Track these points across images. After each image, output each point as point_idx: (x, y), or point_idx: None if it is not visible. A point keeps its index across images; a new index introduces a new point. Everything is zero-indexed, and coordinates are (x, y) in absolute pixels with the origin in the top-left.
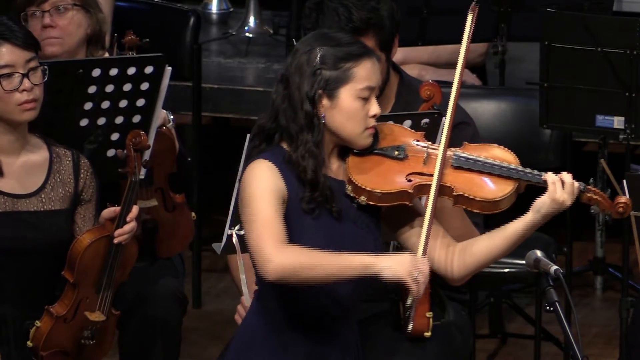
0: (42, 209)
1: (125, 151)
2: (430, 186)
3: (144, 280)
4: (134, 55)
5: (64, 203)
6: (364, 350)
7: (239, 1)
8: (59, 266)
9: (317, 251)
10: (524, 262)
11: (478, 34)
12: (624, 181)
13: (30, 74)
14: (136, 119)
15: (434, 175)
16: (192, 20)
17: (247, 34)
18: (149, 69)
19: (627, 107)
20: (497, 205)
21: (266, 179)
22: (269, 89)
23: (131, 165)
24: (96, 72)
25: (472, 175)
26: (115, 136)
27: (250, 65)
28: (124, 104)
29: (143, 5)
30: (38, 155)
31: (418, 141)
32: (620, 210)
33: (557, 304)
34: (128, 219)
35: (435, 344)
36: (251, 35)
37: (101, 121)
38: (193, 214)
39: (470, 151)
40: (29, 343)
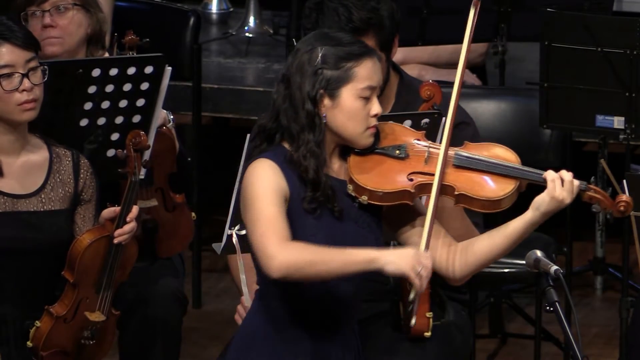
0: (42, 209)
1: (125, 151)
2: (432, 185)
3: (144, 280)
4: (134, 55)
5: (64, 203)
6: (364, 350)
7: (239, 1)
8: (59, 266)
9: (321, 247)
10: (524, 262)
11: (478, 34)
12: (624, 181)
13: (30, 74)
14: (136, 119)
15: (435, 175)
16: (192, 20)
17: (247, 34)
18: (149, 69)
19: (627, 107)
20: (498, 204)
21: (268, 177)
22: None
23: (131, 165)
24: (96, 72)
25: (473, 175)
26: (115, 136)
27: (250, 65)
28: (124, 104)
29: (143, 5)
30: (38, 155)
31: (419, 140)
32: (621, 209)
33: (557, 304)
34: (128, 219)
35: (435, 344)
36: (251, 35)
37: (101, 121)
38: (193, 214)
39: (472, 150)
40: (29, 343)
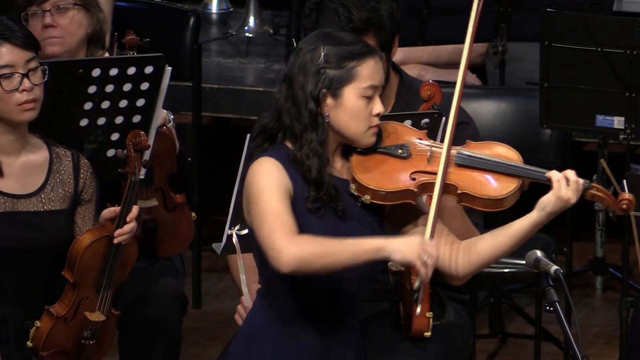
0: (42, 209)
1: (125, 151)
2: (434, 185)
3: (144, 280)
4: (134, 55)
5: (64, 203)
6: (364, 349)
7: (239, 1)
8: (59, 266)
9: (328, 239)
10: (524, 262)
11: (478, 34)
12: (624, 181)
13: (30, 74)
14: (136, 119)
15: (438, 174)
16: (192, 20)
17: (247, 34)
18: (149, 69)
19: (627, 107)
20: (501, 202)
21: (272, 174)
22: (269, 89)
23: (131, 165)
24: (96, 72)
25: (475, 173)
26: (115, 136)
27: (250, 65)
28: (124, 104)
29: (143, 5)
30: (38, 155)
31: (421, 140)
32: (624, 207)
33: (557, 304)
34: (128, 219)
35: (435, 344)
36: (251, 35)
37: (101, 121)
38: (193, 214)
39: (474, 149)
40: (29, 343)
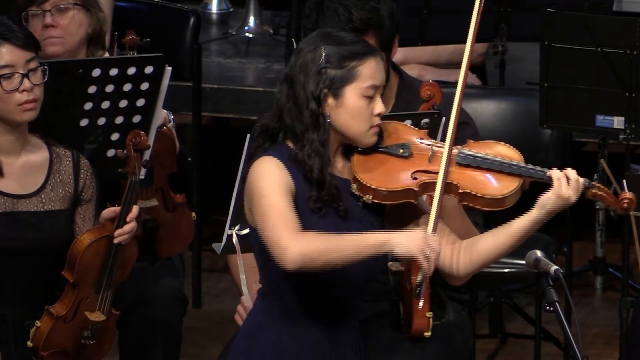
0: (42, 209)
1: (125, 151)
2: (436, 184)
3: (144, 280)
4: (134, 55)
5: (64, 203)
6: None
7: (239, 1)
8: (59, 266)
9: (332, 235)
10: (524, 262)
11: (478, 34)
12: (624, 181)
13: (30, 74)
14: (136, 119)
15: (439, 173)
16: (192, 20)
17: (247, 34)
18: (149, 69)
19: (627, 107)
20: (502, 202)
21: (274, 173)
22: (269, 89)
23: (131, 165)
24: (96, 72)
25: (477, 173)
26: (115, 136)
27: (250, 65)
28: (124, 104)
29: (143, 5)
30: (38, 155)
31: (422, 139)
32: (625, 205)
33: (557, 304)
34: (128, 219)
35: (435, 344)
36: (251, 35)
37: (101, 121)
38: (193, 214)
39: (475, 149)
40: (29, 343)
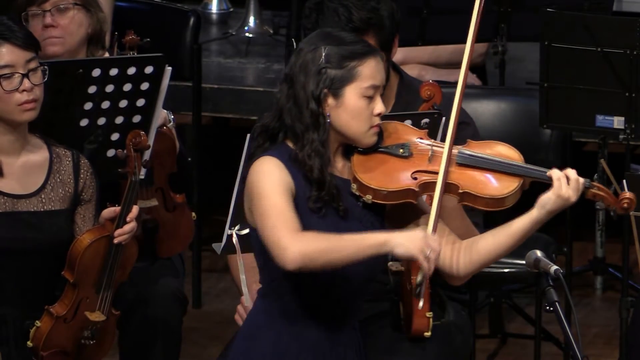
0: (42, 209)
1: (125, 151)
2: (436, 184)
3: (144, 280)
4: (134, 55)
5: (64, 203)
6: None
7: (239, 1)
8: (59, 266)
9: (332, 235)
10: (524, 262)
11: (478, 34)
12: (624, 181)
13: (30, 74)
14: (136, 119)
15: (439, 173)
16: (192, 20)
17: (247, 34)
18: (149, 69)
19: (627, 107)
20: (502, 202)
21: (274, 173)
22: (269, 89)
23: (131, 165)
24: (96, 72)
25: (477, 173)
26: (115, 136)
27: (250, 65)
28: (124, 104)
29: (143, 5)
30: (38, 155)
31: (422, 139)
32: (625, 205)
33: (557, 304)
34: (128, 219)
35: (435, 344)
36: (251, 35)
37: (101, 121)
38: (193, 214)
39: (475, 149)
40: (29, 343)
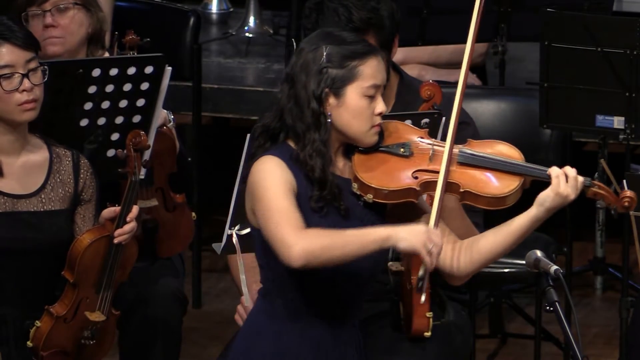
0: (42, 209)
1: (125, 151)
2: (436, 183)
3: (144, 280)
4: (134, 55)
5: (63, 203)
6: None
7: (239, 1)
8: (59, 266)
9: (336, 231)
10: (524, 262)
11: (478, 34)
12: (624, 181)
13: (30, 74)
14: (136, 119)
15: (440, 172)
16: (192, 20)
17: (247, 34)
18: (149, 69)
19: (627, 107)
20: (503, 201)
21: (276, 172)
22: (269, 89)
23: (131, 165)
24: (96, 72)
25: (477, 172)
26: (115, 136)
27: (250, 65)
28: (124, 104)
29: (143, 5)
30: (38, 155)
31: (423, 138)
32: (625, 204)
33: (557, 304)
34: (128, 219)
35: (435, 344)
36: (251, 35)
37: (101, 121)
38: (193, 214)
39: (475, 148)
40: (29, 343)
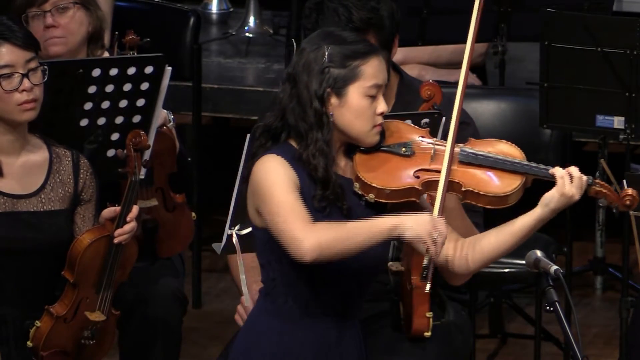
0: (41, 209)
1: (125, 151)
2: (438, 182)
3: (144, 280)
4: (134, 55)
5: (63, 203)
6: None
7: (239, 1)
8: (59, 266)
9: (344, 223)
10: (524, 262)
11: (478, 34)
12: (624, 181)
13: (30, 74)
14: (136, 119)
15: (442, 171)
16: (192, 20)
17: (247, 34)
18: (149, 69)
19: (627, 107)
20: (505, 200)
21: (280, 169)
22: (269, 89)
23: (131, 165)
24: (96, 72)
25: (479, 171)
26: (115, 136)
27: (250, 65)
28: (124, 104)
29: (143, 5)
30: (38, 155)
31: (424, 138)
32: (627, 202)
33: (557, 304)
34: (128, 219)
35: (435, 344)
36: (251, 35)
37: (101, 121)
38: (193, 214)
39: (477, 147)
40: (29, 343)
